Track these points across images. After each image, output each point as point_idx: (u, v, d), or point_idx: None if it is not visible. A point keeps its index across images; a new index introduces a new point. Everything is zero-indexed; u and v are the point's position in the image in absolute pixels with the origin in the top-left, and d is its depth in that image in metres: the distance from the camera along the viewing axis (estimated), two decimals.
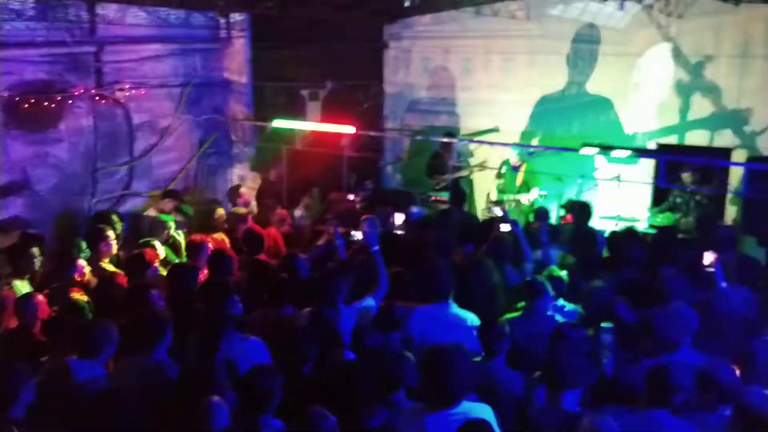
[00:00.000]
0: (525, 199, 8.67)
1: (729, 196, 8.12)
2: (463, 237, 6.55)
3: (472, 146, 10.06)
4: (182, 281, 5.39)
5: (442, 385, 3.52)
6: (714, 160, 6.96)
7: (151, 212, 7.66)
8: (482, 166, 9.59)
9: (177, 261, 6.42)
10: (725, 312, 4.92)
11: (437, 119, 10.60)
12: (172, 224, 6.94)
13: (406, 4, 8.83)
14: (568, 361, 3.89)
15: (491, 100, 10.12)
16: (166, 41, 8.24)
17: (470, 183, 9.85)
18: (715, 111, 8.60)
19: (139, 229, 7.53)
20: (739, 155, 8.30)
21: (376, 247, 5.24)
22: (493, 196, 8.91)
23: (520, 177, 8.85)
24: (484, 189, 9.48)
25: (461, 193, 8.63)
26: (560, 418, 3.71)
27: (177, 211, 7.57)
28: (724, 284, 5.23)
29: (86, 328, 4.31)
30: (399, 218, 6.98)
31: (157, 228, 6.85)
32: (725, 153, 8.37)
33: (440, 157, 9.35)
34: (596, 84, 9.55)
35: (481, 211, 9.35)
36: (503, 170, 9.00)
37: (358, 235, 5.64)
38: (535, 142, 9.79)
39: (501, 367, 4.31)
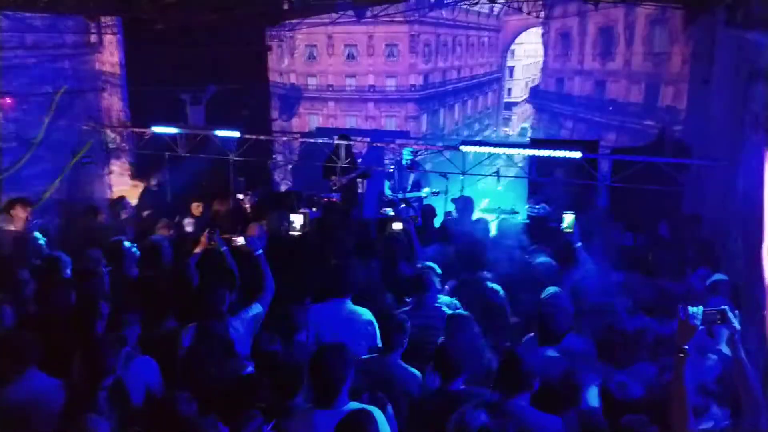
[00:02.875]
0: (416, 197, 8.95)
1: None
2: (358, 236, 6.69)
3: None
4: (56, 299, 5.09)
5: (325, 383, 3.60)
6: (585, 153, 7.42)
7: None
8: (370, 168, 9.75)
9: None
10: (592, 293, 5.27)
11: (325, 106, 10.68)
12: (38, 236, 6.34)
13: (285, 7, 8.80)
14: (461, 349, 4.08)
15: (377, 85, 10.29)
16: (32, 47, 7.80)
17: (363, 183, 9.98)
18: (583, 94, 9.18)
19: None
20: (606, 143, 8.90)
21: (260, 251, 5.21)
22: (388, 193, 9.10)
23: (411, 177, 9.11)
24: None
25: (355, 193, 8.71)
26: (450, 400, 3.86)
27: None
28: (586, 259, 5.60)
29: None
30: (297, 219, 6.96)
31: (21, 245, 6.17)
32: (593, 145, 8.98)
33: (333, 160, 9.42)
34: (474, 69, 9.93)
35: (374, 210, 9.50)
36: (392, 169, 9.19)
37: (240, 240, 5.57)
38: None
39: (398, 362, 4.38)
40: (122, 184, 9.02)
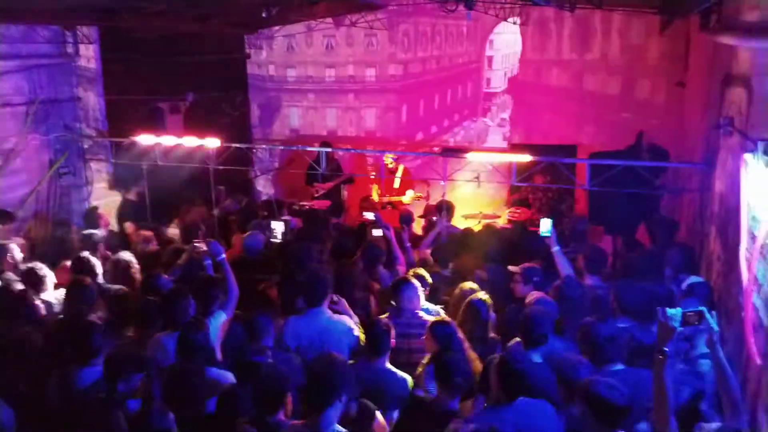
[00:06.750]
0: (401, 201, 8.98)
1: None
2: (338, 243, 6.69)
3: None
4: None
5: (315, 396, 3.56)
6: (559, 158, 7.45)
7: None
8: (353, 175, 9.76)
9: None
10: (576, 298, 5.28)
11: (305, 98, 10.65)
12: (14, 248, 6.22)
13: (263, 15, 8.76)
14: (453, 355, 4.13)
15: (356, 76, 10.29)
16: (7, 57, 7.68)
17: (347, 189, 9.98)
18: (561, 85, 9.19)
19: None
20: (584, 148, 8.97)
21: (223, 256, 5.21)
22: (375, 198, 9.10)
23: (397, 180, 9.13)
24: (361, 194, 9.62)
25: (338, 200, 8.70)
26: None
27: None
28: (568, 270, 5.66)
29: None
30: (278, 227, 6.94)
31: None
32: (571, 149, 9.06)
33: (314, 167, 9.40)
34: (453, 59, 9.93)
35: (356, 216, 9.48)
36: (373, 176, 9.24)
37: (202, 246, 5.56)
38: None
39: (385, 367, 4.42)
40: (100, 195, 8.91)
